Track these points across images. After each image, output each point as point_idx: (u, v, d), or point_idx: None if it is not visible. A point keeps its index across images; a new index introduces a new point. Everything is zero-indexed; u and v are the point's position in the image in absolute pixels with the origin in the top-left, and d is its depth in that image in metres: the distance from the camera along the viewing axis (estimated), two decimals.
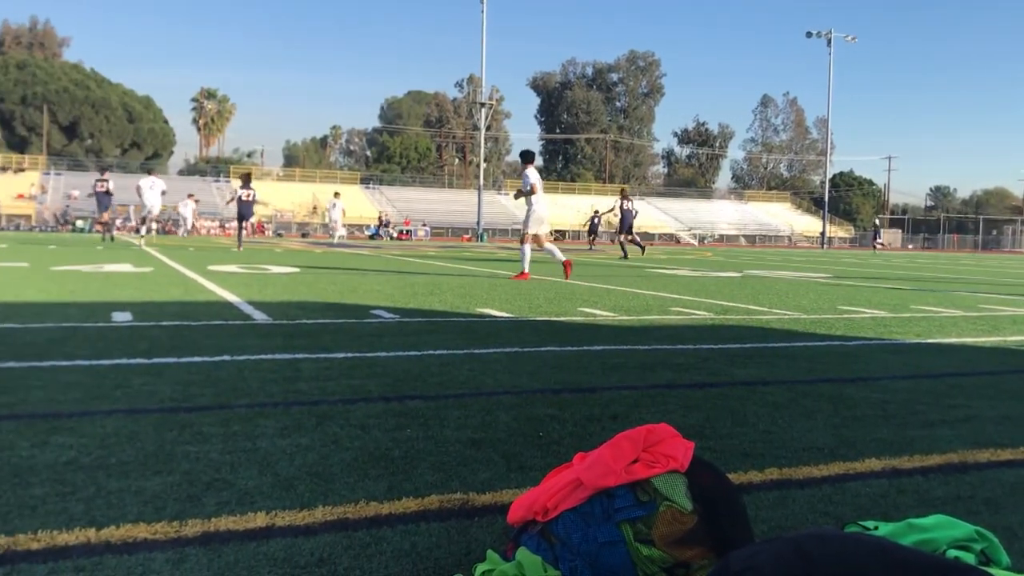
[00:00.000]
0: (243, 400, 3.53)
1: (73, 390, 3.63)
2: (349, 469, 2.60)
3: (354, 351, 4.90)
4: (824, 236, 65.45)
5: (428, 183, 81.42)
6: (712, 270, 16.82)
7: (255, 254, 19.57)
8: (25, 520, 2.10)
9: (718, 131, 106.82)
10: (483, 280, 11.75)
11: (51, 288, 8.57)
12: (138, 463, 2.59)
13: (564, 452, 2.81)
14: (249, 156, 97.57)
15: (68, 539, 1.98)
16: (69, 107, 74.50)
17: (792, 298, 9.78)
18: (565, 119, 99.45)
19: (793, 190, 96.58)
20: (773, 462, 2.81)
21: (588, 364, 4.70)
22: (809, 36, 61.92)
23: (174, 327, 5.79)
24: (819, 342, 5.98)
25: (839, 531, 1.75)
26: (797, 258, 28.37)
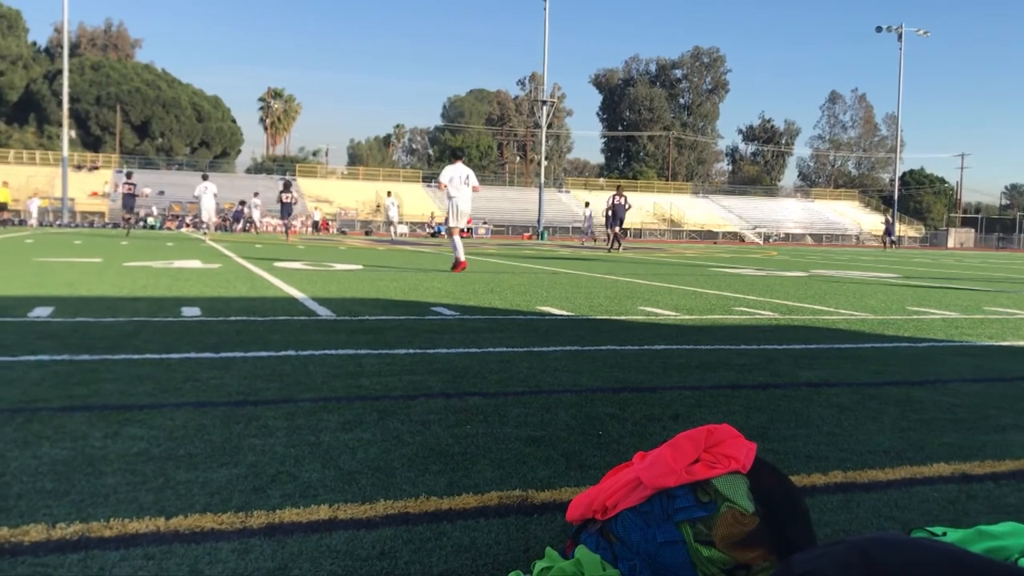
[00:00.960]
0: (307, 394, 3.59)
1: (144, 383, 3.73)
2: (410, 464, 2.62)
3: (415, 348, 4.95)
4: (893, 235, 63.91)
5: (489, 181, 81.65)
6: (777, 269, 16.57)
7: (320, 251, 19.87)
8: (98, 508, 2.17)
9: (784, 128, 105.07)
10: (543, 278, 11.76)
11: (123, 283, 8.82)
12: (206, 455, 2.66)
13: (624, 451, 2.81)
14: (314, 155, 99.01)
15: (138, 527, 2.04)
16: (141, 107, 76.46)
17: (859, 298, 9.59)
18: (627, 116, 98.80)
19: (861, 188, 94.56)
20: (837, 465, 2.76)
21: (649, 363, 4.68)
22: (879, 31, 60.53)
23: (241, 322, 5.91)
24: (887, 344, 5.85)
25: (905, 536, 1.71)
26: (865, 258, 27.78)
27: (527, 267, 14.84)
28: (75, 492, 2.28)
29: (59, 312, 6.15)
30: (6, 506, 2.16)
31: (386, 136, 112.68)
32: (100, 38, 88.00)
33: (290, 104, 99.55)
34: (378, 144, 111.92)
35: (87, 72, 75.01)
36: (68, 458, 2.58)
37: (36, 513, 2.12)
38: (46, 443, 2.73)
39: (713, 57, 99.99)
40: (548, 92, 58.94)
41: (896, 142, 71.45)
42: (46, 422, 3.00)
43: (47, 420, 3.03)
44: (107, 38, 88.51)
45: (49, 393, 3.47)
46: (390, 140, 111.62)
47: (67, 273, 10.01)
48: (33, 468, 2.47)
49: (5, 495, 2.24)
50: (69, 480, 2.38)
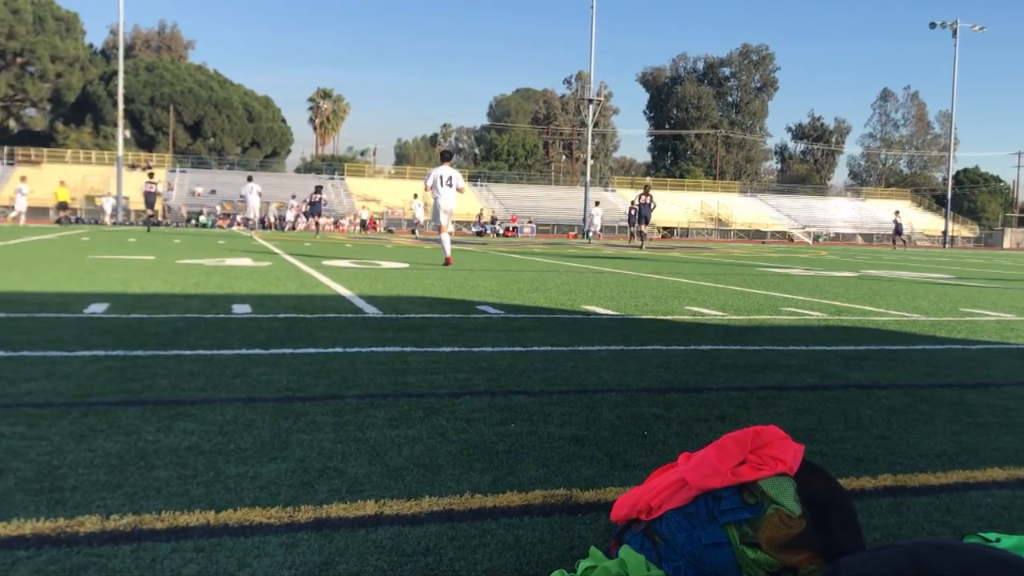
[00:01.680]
0: (354, 391, 3.62)
1: (195, 378, 3.80)
2: (455, 461, 2.64)
3: (460, 346, 4.97)
4: (946, 235, 62.67)
5: (535, 180, 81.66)
6: (826, 269, 16.34)
7: (367, 250, 20.04)
8: (151, 501, 2.21)
9: (834, 126, 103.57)
10: (588, 277, 11.73)
11: (175, 280, 8.98)
12: (255, 450, 2.70)
13: (669, 452, 2.79)
14: (362, 154, 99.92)
15: (189, 520, 2.08)
16: (194, 107, 77.76)
17: (911, 299, 9.42)
18: (675, 114, 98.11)
19: (913, 187, 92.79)
20: (887, 468, 2.72)
21: (695, 363, 4.64)
22: (933, 27, 59.30)
23: (290, 319, 5.99)
24: (939, 345, 5.74)
25: (958, 541, 1.68)
26: (917, 258, 27.27)
27: (572, 266, 14.81)
28: (128, 485, 2.33)
29: (114, 308, 6.29)
30: (62, 498, 2.21)
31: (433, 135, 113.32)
32: (154, 40, 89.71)
33: (339, 104, 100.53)
34: (425, 143, 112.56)
35: (141, 73, 76.48)
36: (121, 451, 2.64)
37: (91, 505, 2.17)
38: (100, 436, 2.80)
39: (762, 55, 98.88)
40: (595, 91, 58.72)
41: (950, 140, 69.98)
42: (100, 416, 3.07)
43: (101, 414, 3.10)
44: (161, 40, 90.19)
45: (104, 388, 3.54)
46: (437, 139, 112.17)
47: (121, 270, 10.23)
48: (88, 461, 2.53)
49: (61, 487, 2.30)
50: (122, 473, 2.43)
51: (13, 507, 2.13)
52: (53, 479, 2.36)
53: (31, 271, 9.64)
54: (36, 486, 2.30)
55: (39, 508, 2.13)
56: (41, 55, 73.73)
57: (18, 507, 2.13)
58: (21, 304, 6.40)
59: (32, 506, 2.14)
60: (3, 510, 2.11)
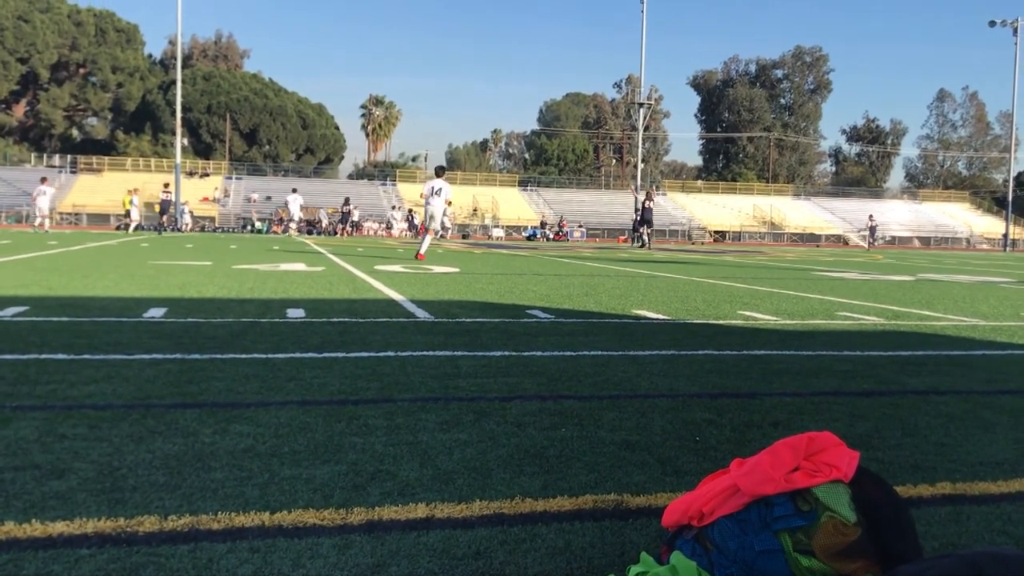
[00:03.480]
0: (406, 394, 3.65)
1: (251, 381, 3.86)
2: (505, 465, 2.64)
3: (511, 350, 4.98)
4: (1007, 238, 61.09)
5: (585, 184, 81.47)
6: (882, 273, 16.04)
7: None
8: (207, 502, 2.25)
9: (890, 127, 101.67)
10: (639, 281, 11.67)
11: (231, 285, 9.14)
12: (309, 452, 2.73)
13: (721, 458, 2.77)
14: (413, 160, 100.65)
15: (244, 521, 2.12)
16: (249, 115, 79.06)
17: (970, 303, 9.20)
18: (727, 117, 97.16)
19: (972, 189, 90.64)
20: (946, 476, 2.66)
21: (748, 369, 4.59)
22: (992, 25, 57.93)
23: (343, 323, 6.05)
24: (999, 351, 5.60)
25: (1019, 552, 1.64)
26: (976, 261, 26.63)
27: (623, 270, 14.75)
28: (186, 486, 2.38)
29: (172, 313, 6.42)
30: (122, 498, 2.27)
31: (483, 141, 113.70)
32: (211, 49, 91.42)
33: (390, 111, 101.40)
34: (475, 149, 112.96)
35: (199, 82, 78.01)
36: (179, 453, 2.69)
37: (149, 505, 2.22)
38: (159, 438, 2.86)
39: (815, 56, 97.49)
40: (645, 94, 58.36)
41: (1011, 141, 68.24)
42: (159, 418, 3.14)
43: (160, 416, 3.16)
44: (217, 49, 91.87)
45: (162, 390, 3.62)
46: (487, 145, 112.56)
47: (180, 276, 10.44)
48: (147, 462, 2.59)
49: (121, 487, 2.35)
50: (180, 474, 2.48)
51: (76, 506, 2.19)
52: (113, 480, 2.42)
53: (92, 276, 9.88)
54: (97, 486, 2.35)
55: (100, 508, 2.19)
56: (103, 65, 75.66)
57: (80, 507, 2.19)
58: (83, 309, 6.57)
59: (94, 506, 2.20)
60: (66, 509, 2.17)
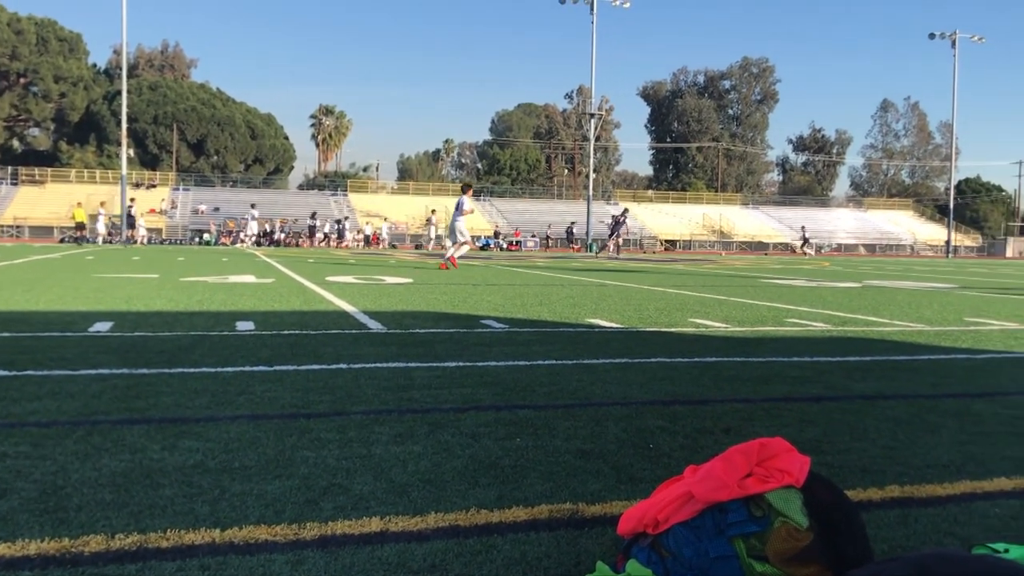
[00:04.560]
0: (359, 407, 3.62)
1: (200, 396, 3.80)
2: (460, 477, 2.63)
3: (465, 360, 4.97)
4: (949, 245, 62.65)
5: (538, 194, 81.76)
6: (829, 280, 16.32)
7: (370, 266, 20.05)
8: (156, 519, 2.21)
9: (835, 137, 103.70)
10: (592, 290, 11.72)
11: (179, 298, 8.99)
12: (260, 467, 2.69)
13: (675, 465, 2.78)
14: (365, 170, 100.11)
15: (194, 539, 2.08)
16: (197, 125, 78.02)
17: (914, 309, 9.40)
18: (676, 128, 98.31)
19: (916, 197, 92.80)
20: (894, 479, 2.71)
21: (700, 376, 4.63)
22: (932, 38, 59.49)
23: (294, 336, 5.99)
24: (944, 355, 5.73)
25: (966, 553, 1.67)
26: (920, 268, 27.24)
27: (576, 279, 14.81)
28: (133, 503, 2.33)
29: (118, 327, 6.29)
30: (66, 518, 2.21)
31: (435, 151, 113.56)
32: (157, 59, 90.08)
33: (341, 120, 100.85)
34: (427, 159, 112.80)
35: (145, 92, 76.81)
36: (126, 470, 2.64)
37: (96, 524, 2.16)
38: (105, 455, 2.79)
39: (762, 67, 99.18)
40: (596, 105, 58.86)
41: (951, 150, 70.02)
42: (105, 435, 3.07)
43: (106, 433, 3.10)
44: (164, 59, 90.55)
45: (108, 406, 3.54)
46: (439, 155, 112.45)
47: (126, 288, 10.24)
48: (92, 480, 2.53)
49: (65, 507, 2.30)
50: (127, 492, 2.43)
51: (17, 527, 2.13)
52: (58, 499, 2.36)
53: (34, 290, 9.66)
54: (40, 506, 2.29)
55: (43, 528, 2.13)
56: (44, 75, 74.06)
57: (22, 527, 2.13)
58: (25, 323, 6.41)
59: (36, 526, 2.14)
60: (7, 531, 2.11)
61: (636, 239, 62.43)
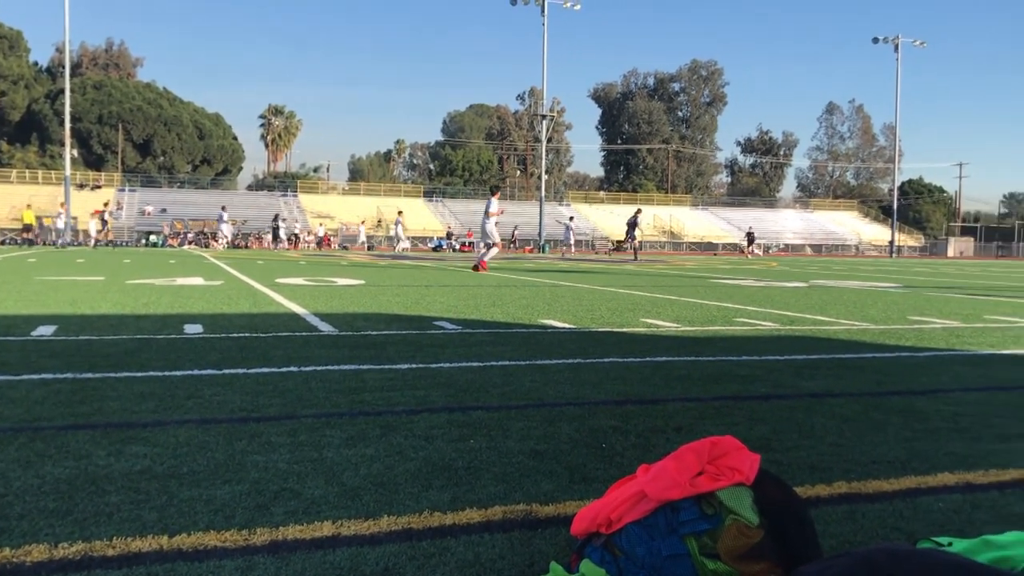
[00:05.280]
0: (310, 410, 3.58)
1: (147, 400, 3.73)
2: (413, 479, 2.62)
3: (418, 362, 4.95)
4: (893, 245, 64.00)
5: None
6: (777, 280, 16.57)
7: (321, 267, 19.88)
8: (101, 527, 2.16)
9: (782, 139, 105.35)
10: (545, 291, 11.76)
11: (126, 301, 8.82)
12: (209, 472, 2.65)
13: (627, 464, 2.80)
14: (315, 171, 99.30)
15: (141, 546, 2.04)
16: (143, 125, 76.67)
17: (860, 308, 9.58)
18: (626, 129, 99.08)
19: (860, 198, 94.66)
20: (842, 475, 2.76)
21: (651, 375, 4.67)
22: (876, 42, 60.78)
23: (244, 338, 5.91)
24: (888, 353, 5.85)
25: (912, 547, 1.70)
26: (865, 267, 27.78)
27: (529, 280, 14.84)
28: (78, 511, 2.28)
29: (62, 330, 6.16)
30: (8, 527, 2.15)
31: (387, 151, 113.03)
32: (102, 57, 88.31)
33: (291, 121, 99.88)
34: (379, 159, 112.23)
35: (89, 91, 75.29)
36: (71, 477, 2.58)
37: (38, 533, 2.11)
38: (49, 462, 2.73)
39: (711, 70, 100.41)
40: (547, 106, 59.09)
41: (894, 152, 71.60)
42: (49, 441, 2.99)
43: (50, 439, 3.02)
44: (108, 57, 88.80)
45: (52, 412, 3.46)
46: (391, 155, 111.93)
47: (70, 291, 10.02)
48: (35, 487, 2.47)
49: (7, 515, 2.24)
50: (71, 499, 2.37)
51: None
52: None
53: None
54: None
55: None
56: None
57: None
58: None
59: None
60: None
61: (588, 240, 62.79)
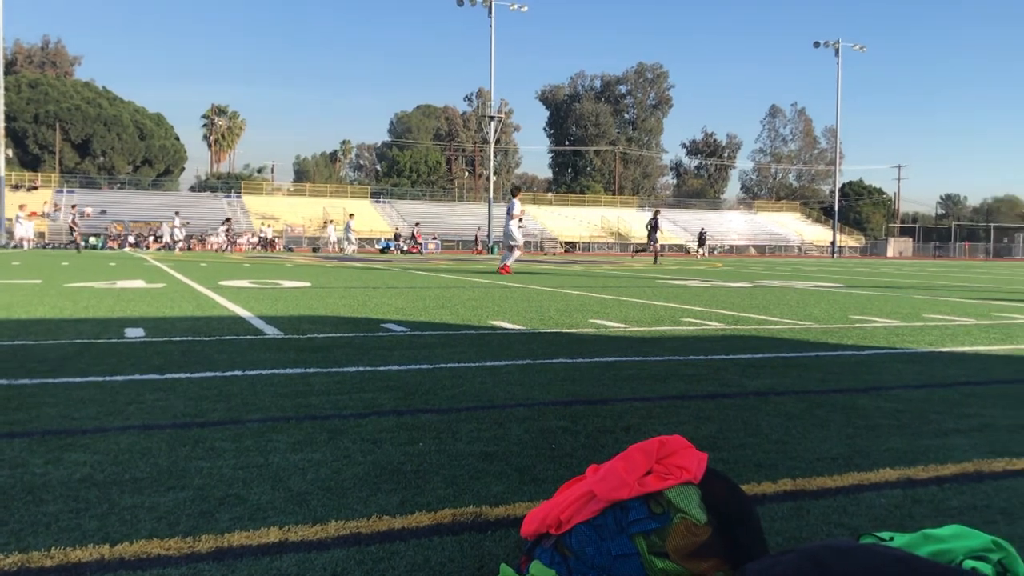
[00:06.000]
0: (255, 415, 3.53)
1: (87, 406, 3.64)
2: (362, 484, 2.59)
3: (366, 365, 4.91)
4: (834, 245, 65.29)
5: (438, 196, 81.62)
6: (722, 281, 16.79)
7: (266, 269, 19.64)
8: (39, 537, 2.10)
9: (726, 142, 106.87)
10: (494, 292, 11.76)
11: (64, 305, 8.62)
12: (151, 479, 2.60)
13: (577, 464, 2.81)
14: (259, 171, 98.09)
15: (81, 556, 1.99)
16: (81, 125, 75.00)
17: (803, 308, 9.75)
18: (574, 131, 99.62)
19: (803, 200, 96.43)
20: (787, 473, 2.80)
21: (600, 376, 4.70)
22: (817, 46, 62.01)
23: (186, 342, 5.81)
24: (831, 352, 5.96)
25: (855, 542, 1.73)
26: (808, 268, 28.29)
27: (478, 281, 14.83)
28: (14, 521, 2.21)
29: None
30: None
31: (333, 152, 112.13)
32: (37, 55, 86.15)
33: (234, 121, 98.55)
34: (325, 160, 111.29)
35: (24, 90, 73.39)
36: (6, 486, 2.50)
37: None
38: None
39: (656, 73, 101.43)
40: (496, 108, 59.17)
41: (835, 154, 73.02)
42: None
43: None
44: (44, 55, 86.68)
45: None
46: (337, 156, 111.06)
47: (4, 295, 9.75)
48: None
49: None
50: (7, 509, 2.31)
51: None
52: None
53: None
54: None
55: None
56: None
57: None
58: None
59: None
60: None
61: (537, 241, 62.97)
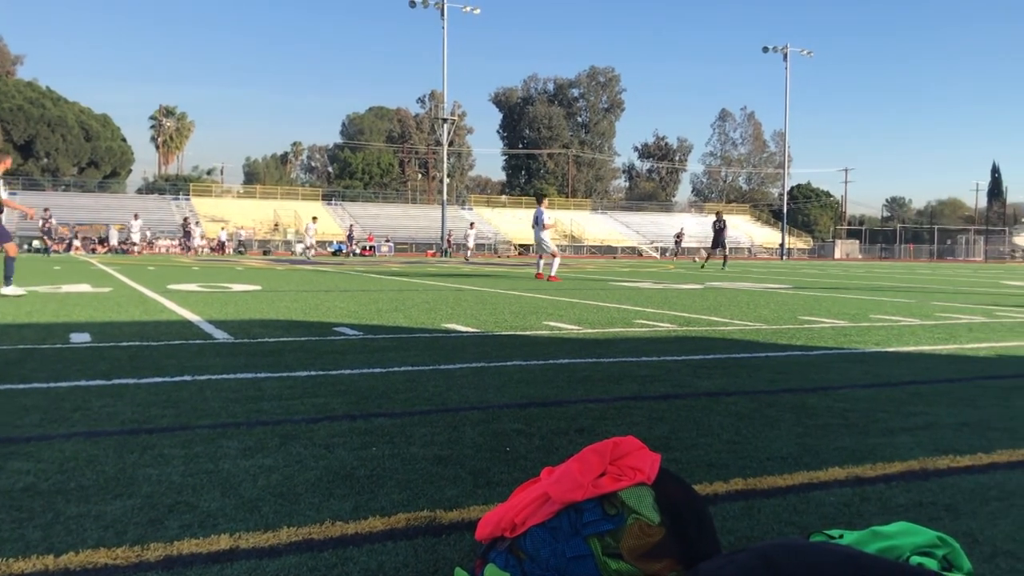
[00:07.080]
0: (205, 421, 3.48)
1: (30, 413, 3.56)
2: (314, 489, 2.57)
3: (318, 369, 4.86)
4: (783, 247, 66.28)
5: (391, 199, 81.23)
6: (674, 282, 16.94)
7: (216, 272, 19.37)
8: None
9: (677, 145, 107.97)
10: (448, 295, 11.73)
11: (6, 309, 8.41)
12: (98, 487, 2.54)
13: (531, 467, 2.81)
14: (208, 173, 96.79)
15: (24, 567, 1.94)
16: (24, 126, 73.31)
17: (753, 309, 9.88)
18: (527, 134, 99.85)
19: (752, 202, 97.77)
20: (738, 472, 2.83)
21: (554, 377, 4.71)
22: (766, 51, 62.87)
23: (134, 347, 5.70)
24: (781, 352, 6.04)
25: (805, 541, 1.76)
26: (757, 269, 28.67)
27: (431, 284, 14.78)
28: None
29: None
30: None
31: (283, 154, 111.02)
32: None
33: (183, 122, 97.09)
34: (275, 162, 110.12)
35: None
36: None
37: None
38: None
39: (608, 76, 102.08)
40: (449, 110, 59.09)
41: (784, 158, 74.10)
42: None
43: None
44: None
45: None
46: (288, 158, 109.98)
47: None
48: None
49: None
50: None
51: None
52: None
53: None
54: None
55: None
56: None
57: None
58: None
59: None
60: None
61: (491, 243, 63.00)
